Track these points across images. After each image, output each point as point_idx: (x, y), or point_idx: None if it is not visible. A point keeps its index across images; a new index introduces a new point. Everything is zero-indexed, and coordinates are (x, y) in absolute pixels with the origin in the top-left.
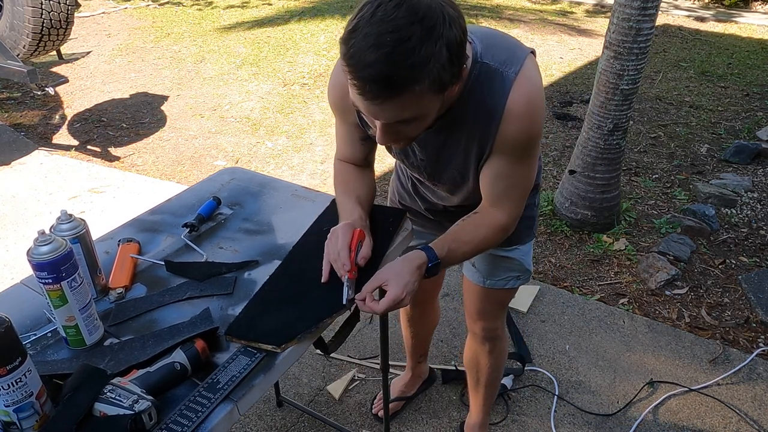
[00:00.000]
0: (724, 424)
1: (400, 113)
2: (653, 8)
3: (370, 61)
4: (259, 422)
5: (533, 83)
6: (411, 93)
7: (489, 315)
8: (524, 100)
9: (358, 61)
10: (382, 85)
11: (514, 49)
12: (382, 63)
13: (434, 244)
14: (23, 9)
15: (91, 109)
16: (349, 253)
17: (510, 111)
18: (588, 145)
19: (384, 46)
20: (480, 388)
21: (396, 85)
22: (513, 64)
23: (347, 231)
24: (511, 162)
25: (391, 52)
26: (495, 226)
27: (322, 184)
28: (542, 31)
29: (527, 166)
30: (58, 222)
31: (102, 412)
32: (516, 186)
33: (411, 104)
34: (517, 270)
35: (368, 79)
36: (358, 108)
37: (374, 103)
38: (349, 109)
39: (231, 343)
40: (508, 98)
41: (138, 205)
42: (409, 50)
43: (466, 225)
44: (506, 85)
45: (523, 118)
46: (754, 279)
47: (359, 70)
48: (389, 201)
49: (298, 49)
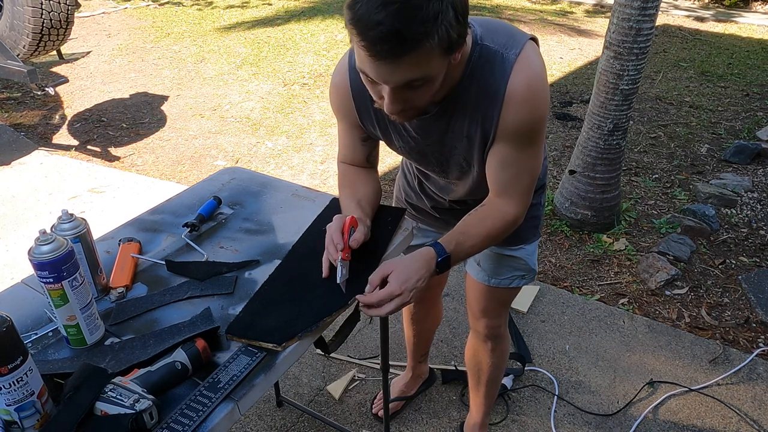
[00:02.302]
0: (724, 424)
1: (410, 73)
2: (653, 8)
3: (379, 20)
4: (259, 422)
5: (534, 67)
6: (421, 50)
7: (492, 313)
8: (525, 84)
9: (367, 22)
10: (393, 43)
11: (514, 33)
12: (391, 20)
13: (442, 239)
14: (23, 9)
15: (91, 109)
16: (342, 236)
17: (511, 95)
18: (588, 145)
19: (392, 3)
20: (481, 387)
21: (406, 41)
22: (513, 46)
23: (340, 219)
24: (516, 149)
25: (400, 9)
26: (503, 217)
27: (322, 184)
28: (542, 31)
29: (532, 154)
30: (59, 221)
31: (103, 411)
32: (521, 174)
33: (421, 63)
34: (522, 269)
35: (378, 38)
36: (366, 73)
37: (385, 62)
38: (349, 109)
39: (232, 343)
40: (509, 81)
41: (138, 205)
42: (417, 6)
43: (474, 218)
44: (506, 67)
45: (525, 102)
46: (754, 279)
47: (369, 30)
48: (395, 199)
49: (298, 49)
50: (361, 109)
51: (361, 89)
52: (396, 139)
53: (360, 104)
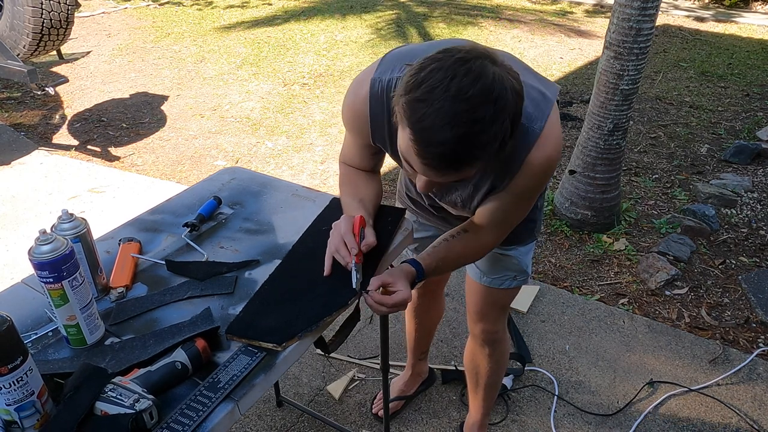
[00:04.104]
0: (724, 424)
1: (455, 178)
2: (653, 8)
3: (443, 139)
4: (259, 422)
5: (555, 141)
6: (472, 167)
7: (489, 318)
8: (545, 158)
9: (431, 136)
10: (450, 162)
11: (539, 100)
12: (455, 143)
13: (424, 260)
14: (23, 9)
15: (91, 109)
16: (354, 238)
17: (529, 165)
18: (588, 145)
19: (459, 126)
20: (479, 390)
21: (462, 163)
22: (538, 119)
23: (349, 220)
24: (516, 201)
25: (466, 133)
26: (482, 246)
27: (323, 184)
28: (542, 31)
29: (528, 207)
30: (59, 221)
31: (103, 411)
32: (511, 218)
33: (467, 173)
34: (514, 270)
35: (438, 155)
36: (411, 164)
37: (435, 172)
38: (362, 130)
39: (232, 343)
40: (531, 153)
41: (138, 204)
42: (481, 132)
43: (457, 245)
44: (530, 140)
45: (540, 172)
46: (754, 279)
47: (431, 146)
48: (398, 193)
49: (298, 49)
50: (376, 135)
51: (380, 119)
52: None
53: (376, 131)
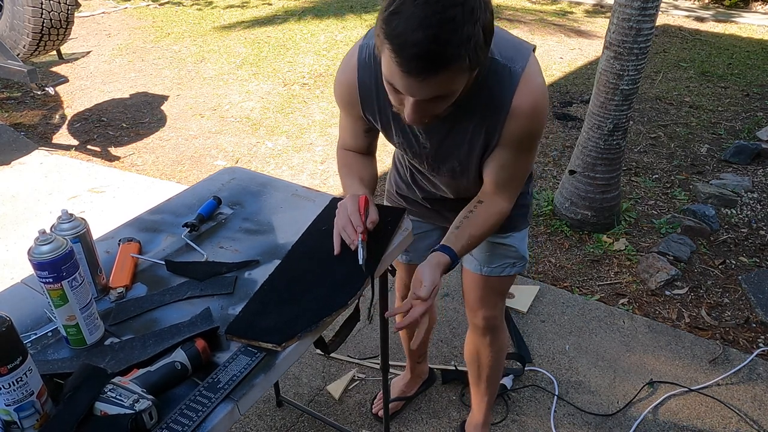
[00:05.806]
0: (724, 424)
1: (438, 89)
2: (653, 8)
3: (416, 40)
4: (259, 422)
5: (538, 82)
6: (451, 69)
7: (488, 303)
8: (530, 99)
9: (404, 40)
10: (428, 63)
11: (518, 46)
12: (428, 41)
13: (453, 243)
14: (23, 9)
15: (91, 109)
16: (360, 216)
17: (516, 108)
18: (588, 145)
19: (430, 26)
20: (481, 383)
21: (440, 62)
22: (518, 60)
23: (354, 199)
24: (515, 154)
25: (438, 32)
26: (499, 212)
27: (323, 184)
28: (542, 31)
29: (529, 158)
30: (58, 221)
31: (103, 411)
32: (517, 175)
33: (449, 81)
34: (512, 257)
35: (414, 57)
36: (394, 85)
37: (416, 80)
38: (354, 104)
39: (231, 343)
40: (515, 95)
41: (138, 204)
42: (453, 30)
43: (477, 219)
44: (513, 81)
45: (529, 116)
46: (754, 279)
47: (405, 48)
48: (386, 193)
49: (298, 49)
50: (366, 104)
51: (368, 86)
52: (396, 135)
53: (365, 99)
